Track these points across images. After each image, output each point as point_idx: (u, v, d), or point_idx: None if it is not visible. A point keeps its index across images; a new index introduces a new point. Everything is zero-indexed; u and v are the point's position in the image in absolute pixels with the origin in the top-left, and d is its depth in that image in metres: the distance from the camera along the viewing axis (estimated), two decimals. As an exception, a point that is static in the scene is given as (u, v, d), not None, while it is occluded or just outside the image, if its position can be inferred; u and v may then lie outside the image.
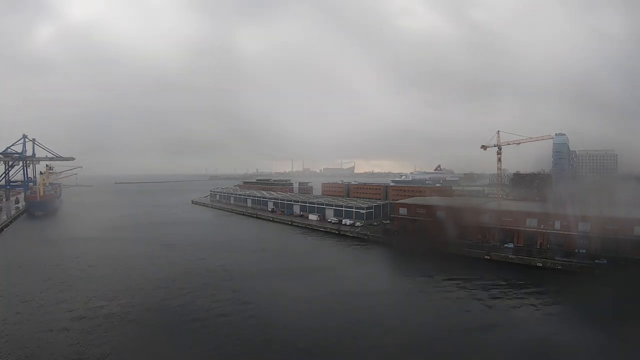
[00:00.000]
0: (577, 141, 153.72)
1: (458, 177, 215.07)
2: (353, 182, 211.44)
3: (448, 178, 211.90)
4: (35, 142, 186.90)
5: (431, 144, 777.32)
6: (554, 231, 78.79)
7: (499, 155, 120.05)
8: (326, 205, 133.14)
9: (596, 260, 67.91)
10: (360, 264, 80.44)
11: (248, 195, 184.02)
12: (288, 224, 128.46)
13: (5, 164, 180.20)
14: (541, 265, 70.87)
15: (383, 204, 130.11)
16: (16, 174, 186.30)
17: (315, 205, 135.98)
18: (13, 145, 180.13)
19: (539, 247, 79.69)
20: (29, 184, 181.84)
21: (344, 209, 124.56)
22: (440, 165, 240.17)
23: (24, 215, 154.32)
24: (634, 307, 49.28)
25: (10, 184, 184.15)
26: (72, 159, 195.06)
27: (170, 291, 57.63)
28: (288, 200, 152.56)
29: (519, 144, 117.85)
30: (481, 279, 64.23)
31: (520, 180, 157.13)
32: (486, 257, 76.88)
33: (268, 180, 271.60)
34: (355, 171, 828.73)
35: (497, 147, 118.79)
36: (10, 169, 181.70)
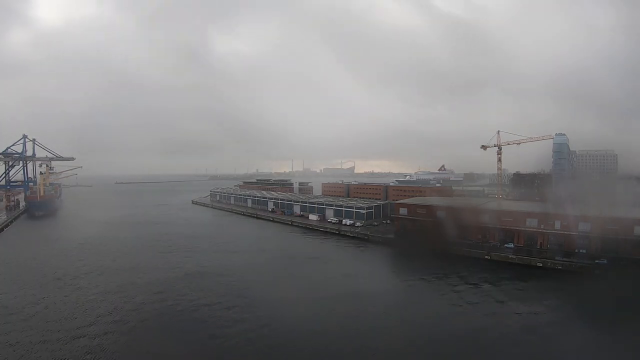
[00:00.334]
0: (577, 141, 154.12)
1: (462, 177, 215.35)
2: (353, 182, 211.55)
3: (452, 178, 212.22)
4: (36, 142, 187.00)
5: (431, 144, 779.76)
6: (554, 231, 78.73)
7: (499, 155, 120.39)
8: (326, 205, 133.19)
9: (596, 260, 67.88)
10: (360, 264, 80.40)
11: (248, 195, 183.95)
12: (288, 224, 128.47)
13: (5, 164, 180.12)
14: (541, 265, 70.85)
15: (383, 204, 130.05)
16: (16, 174, 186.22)
17: (316, 206, 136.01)
18: (13, 145, 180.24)
19: (539, 247, 79.63)
20: (29, 184, 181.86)
21: (344, 209, 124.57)
22: (444, 165, 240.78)
23: (24, 215, 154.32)
24: (634, 307, 49.28)
25: (11, 184, 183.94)
26: (72, 159, 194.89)
27: (170, 294, 57.46)
28: (288, 200, 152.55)
29: (519, 144, 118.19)
30: (481, 279, 64.25)
31: (521, 180, 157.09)
32: (486, 257, 76.88)
33: (268, 180, 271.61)
34: (356, 171, 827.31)
35: (497, 147, 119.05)
36: (10, 169, 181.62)
